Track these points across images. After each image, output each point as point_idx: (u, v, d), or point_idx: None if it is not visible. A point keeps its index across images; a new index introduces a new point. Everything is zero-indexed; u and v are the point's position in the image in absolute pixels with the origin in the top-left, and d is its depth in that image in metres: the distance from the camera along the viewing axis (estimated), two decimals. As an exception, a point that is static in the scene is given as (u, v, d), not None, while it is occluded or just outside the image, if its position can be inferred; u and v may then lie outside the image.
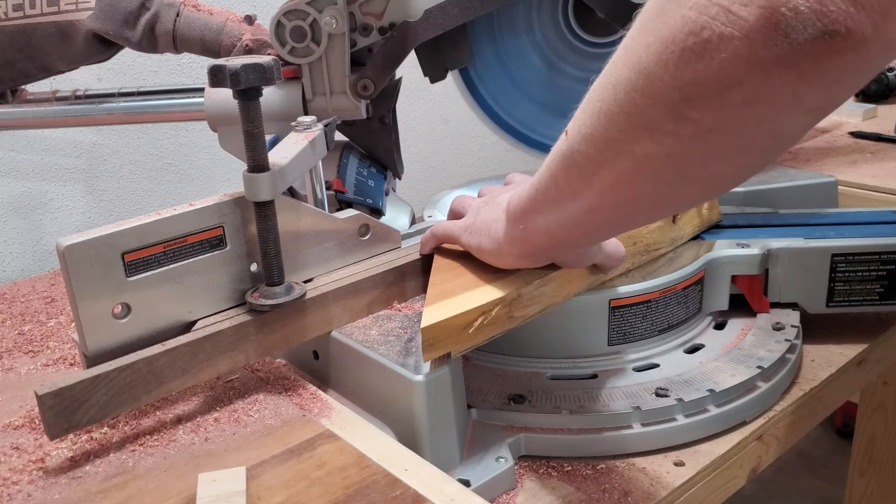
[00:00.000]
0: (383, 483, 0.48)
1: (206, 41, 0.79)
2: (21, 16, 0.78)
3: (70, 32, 0.79)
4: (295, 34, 0.76)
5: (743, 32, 0.33)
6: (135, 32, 0.78)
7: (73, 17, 0.78)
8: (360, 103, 0.80)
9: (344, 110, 0.80)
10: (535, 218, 0.52)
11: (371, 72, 0.78)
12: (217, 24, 0.79)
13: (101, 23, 0.78)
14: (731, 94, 0.35)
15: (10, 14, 0.78)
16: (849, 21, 0.31)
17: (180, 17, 0.79)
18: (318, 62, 0.78)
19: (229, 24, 0.80)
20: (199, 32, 0.79)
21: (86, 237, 0.52)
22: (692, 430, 0.63)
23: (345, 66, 0.78)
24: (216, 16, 0.80)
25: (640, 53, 0.37)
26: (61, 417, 0.50)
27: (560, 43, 0.88)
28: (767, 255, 0.75)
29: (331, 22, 0.74)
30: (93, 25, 0.78)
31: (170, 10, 0.79)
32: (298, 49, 0.77)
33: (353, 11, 0.77)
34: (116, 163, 1.22)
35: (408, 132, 1.53)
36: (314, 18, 0.75)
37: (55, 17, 0.78)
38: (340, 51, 0.77)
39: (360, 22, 0.77)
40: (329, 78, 0.79)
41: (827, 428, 2.15)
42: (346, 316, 0.63)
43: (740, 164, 0.41)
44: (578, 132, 0.44)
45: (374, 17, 0.77)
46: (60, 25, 0.78)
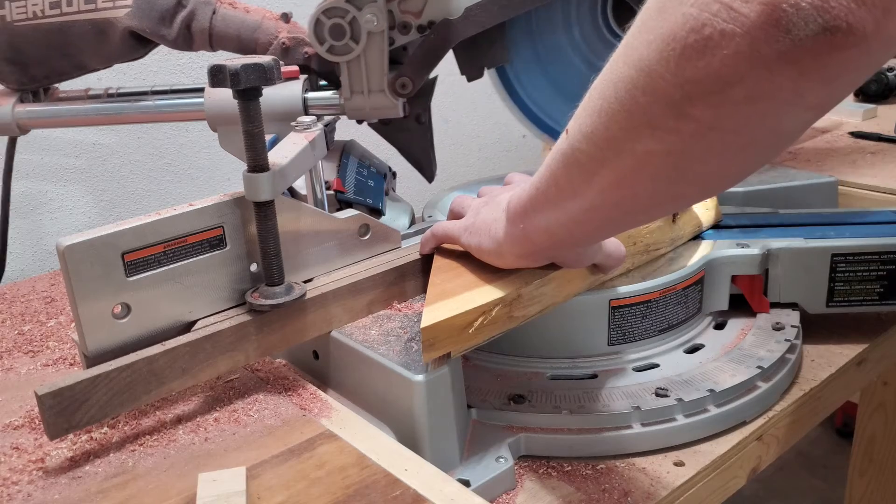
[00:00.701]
0: (383, 483, 0.48)
1: (242, 39, 0.79)
2: (58, 13, 0.78)
3: (106, 30, 0.79)
4: (334, 32, 0.75)
5: (744, 29, 0.33)
6: (171, 30, 0.78)
7: (111, 15, 0.78)
8: (398, 101, 0.79)
9: (381, 109, 0.79)
10: (536, 217, 0.52)
11: (409, 69, 0.77)
12: (253, 22, 0.79)
13: (137, 20, 0.77)
14: (733, 91, 0.35)
15: (46, 12, 0.78)
16: (850, 17, 0.31)
17: (216, 15, 0.79)
18: (356, 60, 0.77)
19: (266, 21, 0.80)
20: (235, 30, 0.79)
21: (86, 237, 0.52)
22: (692, 430, 0.63)
23: (383, 65, 0.77)
24: (252, 13, 0.80)
25: (642, 51, 0.37)
26: (61, 417, 0.50)
27: (598, 41, 0.87)
28: (767, 255, 0.75)
29: (371, 19, 0.74)
30: (129, 23, 0.78)
31: (206, 7, 0.79)
32: (337, 47, 0.76)
33: (391, 9, 0.76)
34: (116, 163, 1.22)
35: (408, 132, 1.53)
36: (353, 16, 0.74)
37: (92, 15, 0.78)
38: (379, 49, 0.77)
39: (399, 20, 0.76)
40: (367, 76, 0.78)
41: (827, 428, 2.15)
42: (346, 316, 0.63)
43: (741, 161, 0.41)
44: (579, 131, 0.44)
45: (413, 15, 0.76)
46: (97, 23, 0.78)
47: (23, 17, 0.79)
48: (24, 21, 0.79)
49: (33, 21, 0.79)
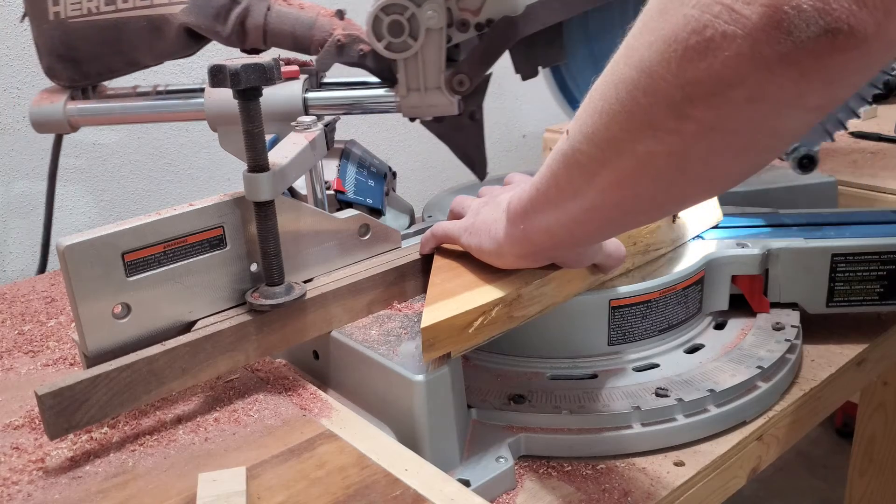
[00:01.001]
0: (383, 483, 0.48)
1: (297, 36, 0.79)
2: (113, 10, 0.78)
3: (162, 26, 0.79)
4: (392, 29, 0.75)
5: (746, 31, 0.33)
6: (225, 27, 0.78)
7: (166, 11, 0.78)
8: (454, 99, 0.79)
9: (438, 106, 0.79)
10: (536, 217, 0.52)
11: (467, 66, 0.77)
12: (308, 19, 0.79)
13: (193, 16, 0.77)
14: (734, 93, 0.35)
15: (101, 8, 0.78)
16: (851, 19, 0.32)
17: (271, 12, 0.79)
18: (413, 58, 0.77)
19: (320, 18, 0.80)
20: (290, 27, 0.79)
21: (86, 237, 0.52)
22: (692, 430, 0.63)
23: (441, 62, 0.77)
24: (307, 10, 0.80)
25: (643, 52, 0.38)
26: (61, 417, 0.50)
27: None
28: (767, 255, 0.75)
29: (432, 16, 0.73)
30: (185, 19, 0.78)
31: (261, 4, 0.78)
32: (395, 44, 0.76)
33: (449, 7, 0.76)
34: (116, 163, 1.22)
35: (408, 132, 1.53)
36: (413, 13, 0.74)
37: (148, 11, 0.78)
38: (437, 46, 0.76)
39: (457, 18, 0.76)
40: (424, 73, 0.78)
41: (827, 428, 2.15)
42: (346, 316, 0.63)
43: (741, 162, 0.41)
44: (580, 131, 0.44)
45: (471, 13, 0.76)
46: (152, 19, 0.78)
47: (77, 13, 0.79)
48: (79, 18, 0.79)
49: (88, 17, 0.79)
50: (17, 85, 1.10)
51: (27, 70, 1.10)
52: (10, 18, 1.07)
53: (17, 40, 1.08)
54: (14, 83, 1.09)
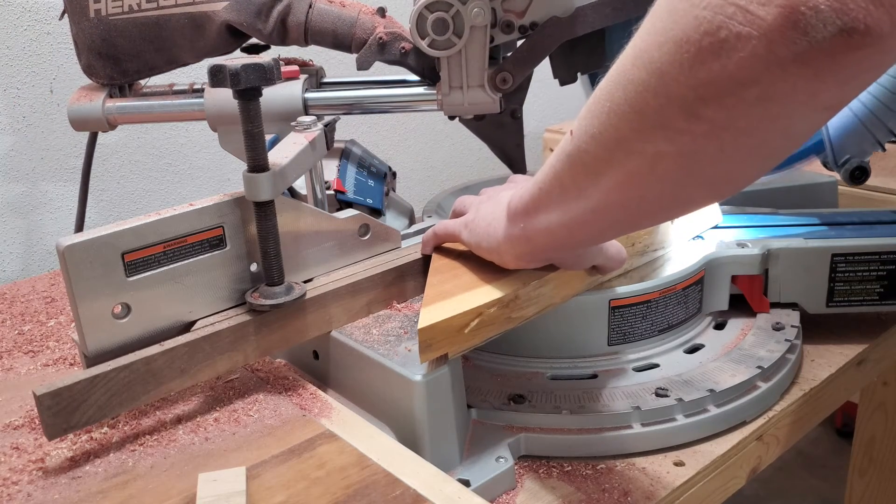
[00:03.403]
0: (383, 483, 0.48)
1: (338, 34, 0.79)
2: (154, 7, 0.78)
3: (204, 24, 0.78)
4: (436, 26, 0.75)
5: (761, 31, 0.33)
6: (267, 24, 0.78)
7: (209, 9, 0.78)
8: (496, 97, 0.79)
9: (479, 104, 0.79)
10: (537, 217, 0.52)
11: (512, 65, 0.77)
12: (350, 17, 0.79)
13: (235, 14, 0.77)
14: (747, 93, 0.35)
15: (143, 5, 0.78)
16: (868, 18, 0.32)
17: (313, 10, 0.78)
18: (457, 56, 0.77)
19: (362, 16, 0.79)
20: (331, 25, 0.79)
21: (86, 237, 0.52)
22: (692, 430, 0.63)
23: (484, 60, 0.77)
24: (348, 8, 0.80)
25: (653, 53, 0.37)
26: (60, 418, 0.50)
27: None
28: (767, 255, 0.75)
29: (479, 13, 0.73)
30: (227, 16, 0.77)
31: (302, 2, 0.78)
32: (439, 42, 0.75)
33: (494, 7, 0.75)
34: (116, 163, 1.22)
35: (408, 132, 1.53)
36: (457, 10, 0.74)
37: (190, 9, 0.78)
38: (481, 44, 0.76)
39: (502, 19, 0.76)
40: (467, 72, 0.77)
41: (827, 428, 2.15)
42: (345, 316, 0.63)
43: (751, 163, 0.41)
44: (586, 132, 0.44)
45: (516, 14, 0.75)
46: (194, 16, 0.78)
47: (118, 10, 0.78)
48: (120, 15, 0.78)
49: (129, 15, 0.78)
50: (17, 85, 1.10)
51: (27, 70, 1.10)
52: (11, 18, 1.07)
53: (17, 40, 1.08)
54: (14, 83, 1.09)
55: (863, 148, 0.86)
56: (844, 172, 0.85)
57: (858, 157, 0.84)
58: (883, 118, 0.84)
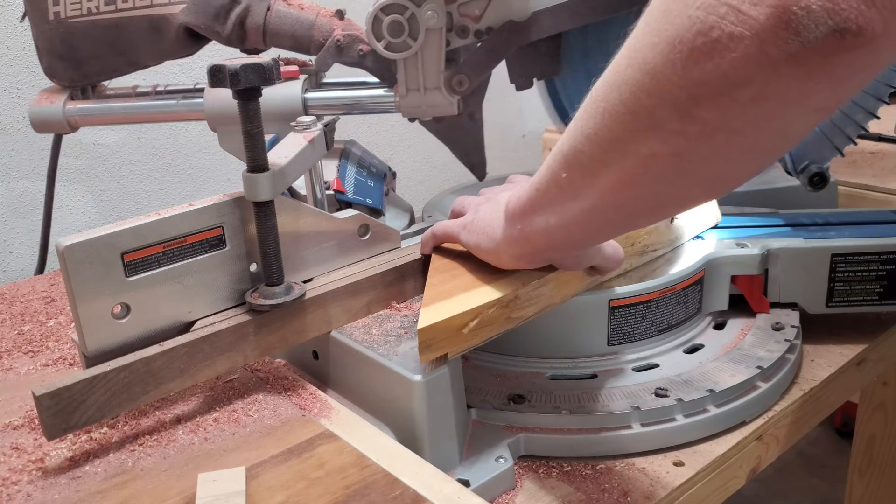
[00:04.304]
0: (383, 483, 0.48)
1: (297, 36, 0.79)
2: (113, 10, 0.78)
3: (162, 26, 0.79)
4: (392, 29, 0.75)
5: (753, 31, 0.33)
6: (225, 27, 0.78)
7: (166, 11, 0.78)
8: (453, 99, 0.79)
9: (437, 106, 0.79)
10: (535, 218, 0.52)
11: (468, 67, 0.77)
12: (308, 20, 0.79)
13: (193, 16, 0.77)
14: (740, 93, 0.35)
15: (101, 8, 0.78)
16: (860, 19, 0.32)
17: (271, 12, 0.79)
18: (413, 58, 0.77)
19: (320, 18, 0.80)
20: (290, 27, 0.79)
21: (86, 237, 0.52)
22: (692, 430, 0.63)
23: (440, 63, 0.77)
24: (307, 11, 0.80)
25: (646, 54, 0.37)
26: (59, 418, 0.50)
27: None
28: (767, 255, 0.75)
29: (432, 16, 0.73)
30: (185, 19, 0.78)
31: (261, 4, 0.78)
32: (395, 44, 0.76)
33: (450, 12, 0.76)
34: (116, 163, 1.22)
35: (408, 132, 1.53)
36: (412, 13, 0.74)
37: (148, 11, 0.78)
38: (437, 46, 0.76)
39: (458, 23, 0.76)
40: (424, 74, 0.78)
41: (827, 428, 2.15)
42: (345, 316, 0.63)
43: (745, 162, 0.41)
44: (581, 132, 0.44)
45: (472, 19, 0.76)
46: (152, 19, 0.78)
47: (77, 13, 0.79)
48: (79, 18, 0.79)
49: (88, 17, 0.79)
50: (17, 85, 1.10)
51: (27, 70, 1.10)
52: (10, 19, 1.07)
53: (17, 40, 1.08)
54: (14, 83, 1.09)
55: (822, 154, 0.86)
56: (803, 178, 0.85)
57: (818, 163, 0.84)
58: (841, 125, 0.85)
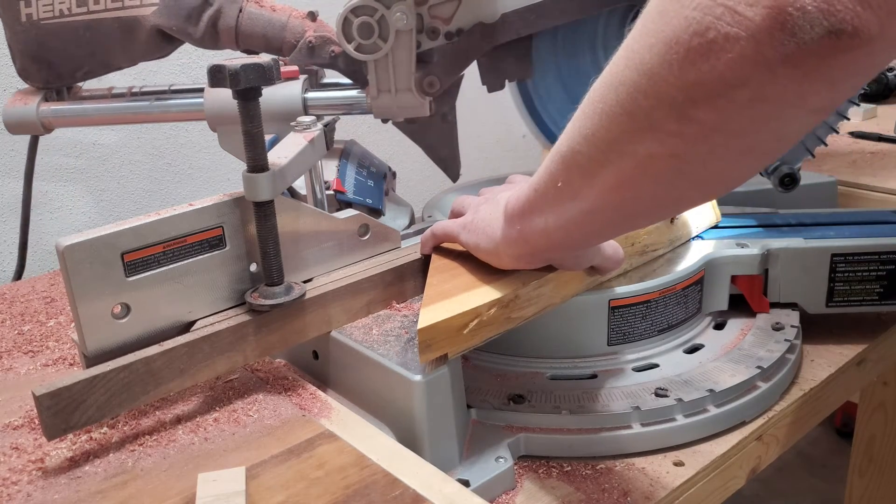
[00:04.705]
0: (383, 483, 0.48)
1: (269, 38, 0.79)
2: (85, 11, 0.78)
3: (134, 28, 0.79)
4: (362, 30, 0.75)
5: (749, 32, 0.33)
6: (197, 28, 0.78)
7: (138, 13, 0.78)
8: (425, 100, 0.79)
9: (408, 108, 0.79)
10: (534, 219, 0.52)
11: (438, 69, 0.77)
12: (280, 21, 0.79)
13: (164, 18, 0.77)
14: (736, 94, 0.35)
15: (73, 10, 0.78)
16: (856, 20, 0.32)
17: (243, 13, 0.79)
18: (384, 59, 0.77)
19: (292, 20, 0.80)
20: (261, 29, 0.79)
21: (86, 237, 0.52)
22: (692, 430, 0.63)
23: (411, 64, 0.77)
24: (279, 12, 0.80)
25: (643, 55, 0.37)
26: (59, 418, 0.50)
27: None
28: (767, 255, 0.75)
29: (401, 18, 0.73)
30: (157, 21, 0.78)
31: (232, 6, 0.79)
32: (365, 45, 0.76)
33: (420, 13, 0.76)
34: (116, 163, 1.22)
35: (408, 132, 1.53)
36: (382, 14, 0.74)
37: (119, 13, 0.78)
38: (407, 47, 0.76)
39: (428, 25, 0.76)
40: (395, 75, 0.78)
41: (827, 428, 2.15)
42: (344, 316, 0.63)
43: (743, 164, 0.41)
44: (579, 133, 0.44)
45: (443, 21, 0.76)
46: (124, 21, 0.78)
47: (49, 15, 0.79)
48: (51, 19, 0.79)
49: (60, 19, 0.79)
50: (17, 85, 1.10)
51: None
52: (10, 18, 1.07)
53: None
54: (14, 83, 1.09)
55: (793, 155, 0.86)
56: (774, 179, 0.85)
57: (788, 164, 0.84)
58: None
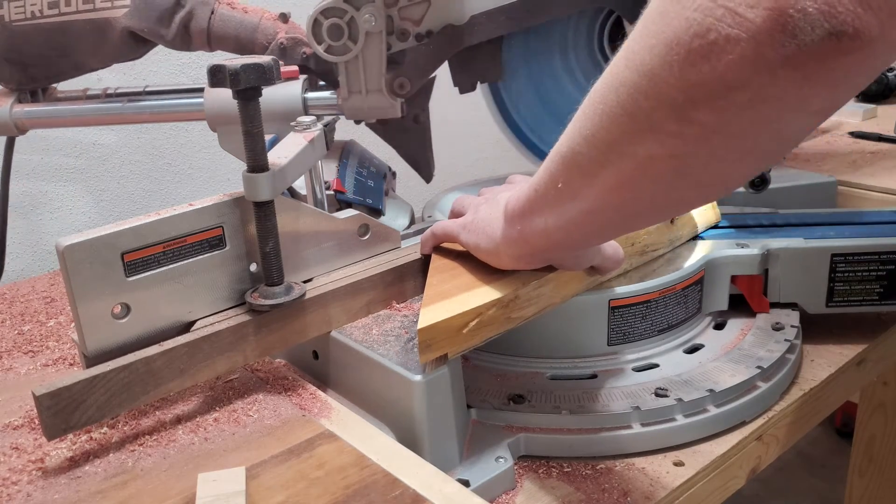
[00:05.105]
0: (383, 483, 0.48)
1: (241, 39, 0.79)
2: (56, 13, 0.78)
3: (105, 30, 0.79)
4: (332, 32, 0.75)
5: (750, 34, 0.33)
6: (169, 30, 0.78)
7: (109, 15, 0.78)
8: (396, 102, 0.79)
9: (379, 109, 0.79)
10: (533, 219, 0.52)
11: (409, 70, 0.77)
12: (252, 23, 0.79)
13: (136, 20, 0.77)
14: (737, 96, 0.35)
15: (45, 11, 0.78)
16: (856, 21, 0.31)
17: (215, 15, 0.79)
18: (354, 61, 0.77)
19: (264, 21, 0.80)
20: (233, 30, 0.79)
21: (86, 237, 0.52)
22: (692, 430, 0.63)
23: (381, 65, 0.77)
24: (251, 14, 0.80)
25: (644, 56, 0.37)
26: (59, 418, 0.50)
27: (593, 67, 0.88)
28: (767, 255, 0.75)
29: (369, 20, 0.73)
30: (128, 23, 0.78)
31: (204, 7, 0.79)
32: (335, 47, 0.76)
33: (391, 15, 0.76)
34: (116, 163, 1.22)
35: (408, 132, 1.53)
36: (352, 16, 0.74)
37: (91, 15, 0.78)
38: (377, 49, 0.76)
39: (398, 27, 0.76)
40: (365, 76, 0.78)
41: (827, 428, 2.15)
42: (344, 316, 0.63)
43: (743, 165, 0.41)
44: (579, 133, 0.44)
45: (413, 22, 0.76)
46: (96, 23, 0.78)
47: (21, 17, 0.79)
48: (23, 21, 0.79)
49: (32, 21, 0.79)
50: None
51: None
52: (10, 18, 1.07)
53: (16, 40, 1.08)
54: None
55: None
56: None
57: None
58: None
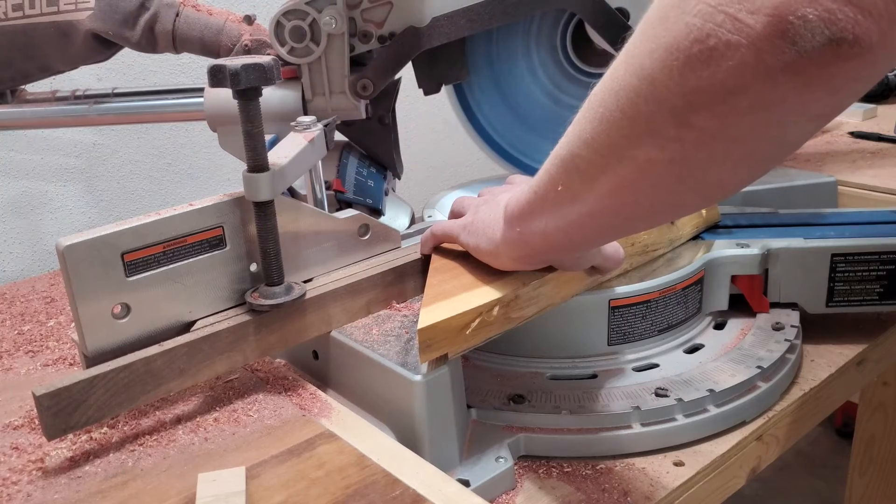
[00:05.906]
0: (383, 483, 0.48)
1: (205, 41, 0.79)
2: (20, 16, 0.78)
3: (69, 32, 0.79)
4: (294, 34, 0.76)
5: (750, 40, 0.33)
6: (134, 32, 0.78)
7: (73, 17, 0.78)
8: (359, 103, 0.80)
9: (343, 110, 0.80)
10: (533, 221, 0.52)
11: (372, 72, 0.78)
12: (216, 24, 0.79)
13: (100, 23, 0.77)
14: (737, 101, 0.35)
15: (9, 14, 0.78)
16: (856, 28, 0.31)
17: (180, 17, 0.79)
18: (317, 62, 0.78)
19: (229, 24, 0.80)
20: (198, 32, 0.79)
21: (86, 237, 0.52)
22: (692, 430, 0.63)
23: (344, 67, 0.78)
24: (215, 16, 0.80)
25: (644, 60, 0.37)
26: (59, 418, 0.50)
27: (556, 70, 0.89)
28: (767, 255, 0.75)
29: (330, 22, 0.74)
30: (92, 25, 0.78)
31: (169, 10, 0.79)
32: (298, 49, 0.77)
33: (353, 17, 0.76)
34: (116, 163, 1.22)
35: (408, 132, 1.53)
36: (313, 18, 0.75)
37: (54, 17, 0.78)
38: (340, 51, 0.77)
39: (361, 28, 0.77)
40: (328, 78, 0.78)
41: (827, 428, 2.15)
42: (344, 316, 0.63)
43: (742, 170, 0.41)
44: (579, 137, 0.44)
45: (375, 24, 0.77)
46: (60, 25, 0.78)
47: None
48: None
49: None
50: (17, 85, 1.10)
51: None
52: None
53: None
54: (14, 83, 1.09)
55: None
56: None
57: None
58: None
